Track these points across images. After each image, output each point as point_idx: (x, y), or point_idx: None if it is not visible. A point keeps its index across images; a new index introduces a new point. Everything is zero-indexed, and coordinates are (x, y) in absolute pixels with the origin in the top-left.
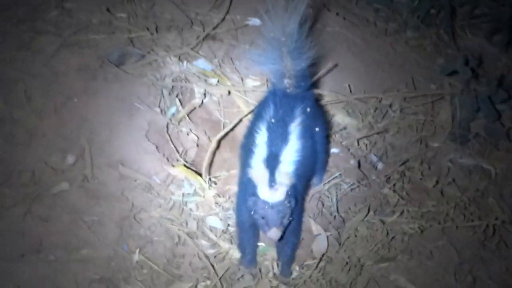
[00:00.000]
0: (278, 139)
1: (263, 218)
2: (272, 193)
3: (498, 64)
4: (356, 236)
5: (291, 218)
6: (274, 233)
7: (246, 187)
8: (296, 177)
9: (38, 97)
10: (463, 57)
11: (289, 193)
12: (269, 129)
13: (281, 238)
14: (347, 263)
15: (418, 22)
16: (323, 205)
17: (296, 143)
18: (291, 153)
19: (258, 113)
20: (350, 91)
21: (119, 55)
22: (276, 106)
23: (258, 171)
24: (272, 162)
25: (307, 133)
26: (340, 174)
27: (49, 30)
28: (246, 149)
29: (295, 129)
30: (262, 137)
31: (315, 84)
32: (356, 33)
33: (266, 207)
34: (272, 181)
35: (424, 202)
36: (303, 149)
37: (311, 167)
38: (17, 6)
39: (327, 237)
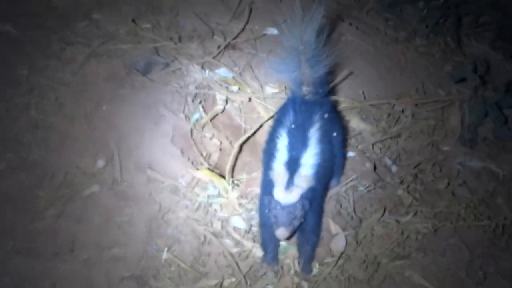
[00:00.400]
0: (298, 143)
1: (274, 217)
2: (287, 195)
3: (503, 71)
4: (372, 235)
5: (302, 220)
6: (281, 232)
7: (267, 188)
8: (316, 180)
9: (69, 104)
10: (472, 65)
11: (304, 196)
12: (289, 134)
13: (289, 238)
14: (364, 260)
15: (427, 30)
16: (340, 206)
17: (315, 147)
18: (310, 157)
19: (278, 119)
20: (364, 97)
21: (145, 64)
22: (295, 112)
23: (279, 173)
24: (292, 165)
25: (325, 138)
26: (356, 177)
27: (78, 41)
28: (268, 153)
29: (314, 134)
30: (283, 142)
31: (331, 91)
32: (368, 42)
33: (278, 207)
34: (290, 183)
35: (437, 203)
36: (322, 153)
37: (330, 170)
38: (47, 17)
39: (345, 236)
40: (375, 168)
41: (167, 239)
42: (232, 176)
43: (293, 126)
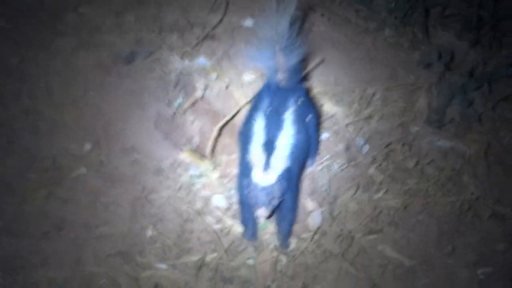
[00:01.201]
0: (273, 126)
1: (254, 198)
2: (264, 177)
3: (468, 58)
4: (346, 211)
5: (281, 199)
6: (262, 212)
7: (245, 169)
8: (291, 160)
9: (58, 92)
10: (437, 52)
11: (281, 176)
12: (265, 117)
13: (269, 216)
14: (339, 235)
15: (396, 21)
16: (316, 184)
17: (290, 129)
18: (285, 138)
19: (255, 104)
20: (336, 83)
21: (130, 54)
22: (271, 97)
23: (256, 155)
24: (268, 147)
25: (299, 120)
26: (331, 156)
27: (67, 32)
28: (245, 136)
29: (288, 116)
30: (259, 125)
31: (305, 78)
32: (340, 32)
33: (257, 189)
34: (267, 165)
35: (406, 181)
36: (296, 135)
37: (305, 150)
38: (37, 11)
39: (321, 212)
40: (348, 148)
41: (151, 217)
42: (213, 157)
43: (269, 109)
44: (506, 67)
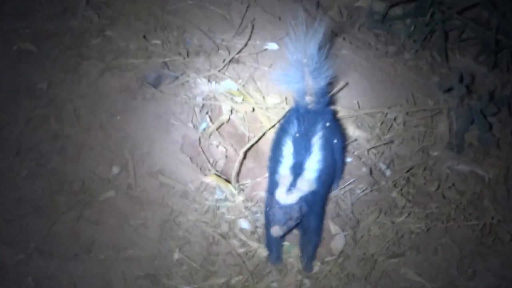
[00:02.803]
0: (302, 150)
1: (272, 215)
2: (287, 196)
3: (486, 82)
4: (369, 235)
5: (298, 221)
6: (275, 230)
7: (271, 189)
8: (318, 183)
9: (86, 115)
10: (458, 75)
11: (303, 198)
12: (294, 142)
13: (283, 236)
14: (362, 258)
15: (415, 45)
16: (340, 208)
17: (318, 153)
18: (314, 162)
19: (283, 128)
20: (359, 107)
21: (155, 77)
22: (299, 121)
23: (284, 176)
24: (297, 169)
25: (327, 145)
26: (354, 180)
27: (93, 56)
28: (274, 160)
29: (317, 141)
30: (288, 149)
31: (331, 101)
32: (361, 55)
33: (277, 206)
34: (292, 185)
35: (428, 204)
36: (324, 159)
37: (331, 174)
38: (65, 36)
39: (344, 236)
40: (370, 172)
41: (179, 240)
42: (238, 181)
43: (297, 135)
44: None
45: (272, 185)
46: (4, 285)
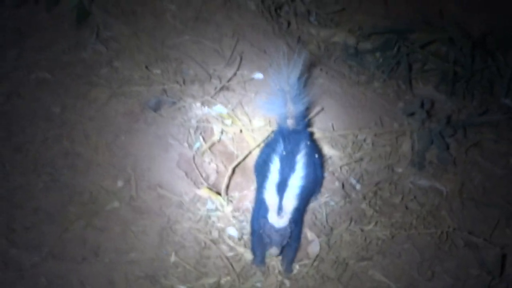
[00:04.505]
0: (287, 167)
1: (269, 237)
2: (279, 220)
3: (445, 107)
4: (341, 241)
5: (289, 239)
6: (274, 250)
7: (260, 205)
8: (299, 200)
9: (94, 136)
10: (420, 101)
11: (292, 219)
12: (281, 159)
13: (280, 253)
14: (335, 262)
15: (383, 75)
16: (316, 217)
17: (301, 171)
18: (297, 180)
19: (270, 146)
20: (333, 129)
21: (156, 103)
22: (284, 140)
23: (270, 194)
24: (282, 187)
25: (309, 162)
26: (328, 194)
27: (101, 84)
28: (262, 175)
29: (301, 159)
30: (275, 166)
31: (308, 124)
32: (336, 84)
33: (272, 230)
34: (280, 208)
35: (393, 214)
36: (306, 176)
37: (312, 189)
38: (76, 65)
39: (319, 242)
40: (343, 186)
41: (174, 245)
42: (227, 194)
43: (284, 152)
44: (477, 116)
45: (261, 203)
46: (21, 284)
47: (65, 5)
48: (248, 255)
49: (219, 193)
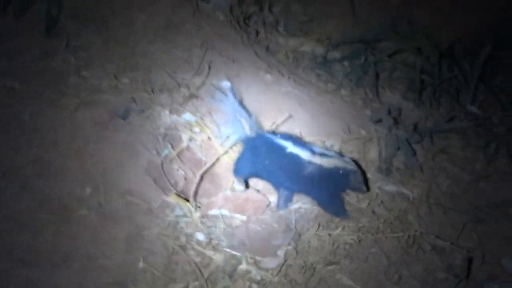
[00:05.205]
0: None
1: None
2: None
3: (412, 115)
4: (309, 246)
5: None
6: None
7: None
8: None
9: (63, 143)
10: (387, 109)
11: None
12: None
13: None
14: (303, 266)
15: (350, 83)
16: (285, 224)
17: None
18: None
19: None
20: (301, 136)
21: (125, 111)
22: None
23: None
24: None
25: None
26: (298, 201)
27: (70, 93)
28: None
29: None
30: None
31: (275, 131)
32: (304, 92)
33: None
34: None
35: (360, 219)
36: None
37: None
38: (45, 74)
39: (288, 247)
40: None
41: (143, 251)
42: (195, 200)
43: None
44: (444, 123)
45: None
46: None
47: (34, 14)
48: (218, 260)
49: (187, 200)
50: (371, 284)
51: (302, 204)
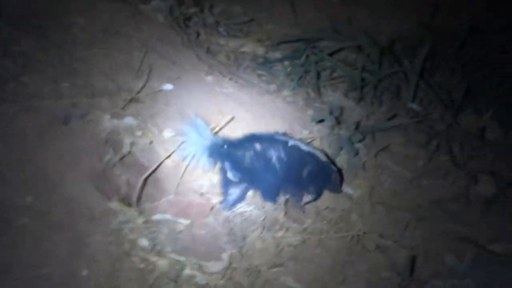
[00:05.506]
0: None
1: None
2: None
3: (354, 114)
4: (254, 249)
5: None
6: None
7: None
8: None
9: (3, 151)
10: (329, 109)
11: None
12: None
13: None
14: (247, 269)
15: (292, 83)
16: (230, 227)
17: None
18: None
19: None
20: None
21: (65, 116)
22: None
23: None
24: None
25: None
26: (243, 203)
27: (9, 98)
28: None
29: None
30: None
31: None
32: (246, 93)
33: None
34: None
35: (304, 221)
36: None
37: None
38: None
39: (233, 250)
40: (255, 194)
41: (87, 258)
42: (139, 205)
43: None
44: (385, 121)
45: None
46: None
47: None
48: (162, 265)
49: (130, 205)
50: (316, 285)
51: (246, 206)
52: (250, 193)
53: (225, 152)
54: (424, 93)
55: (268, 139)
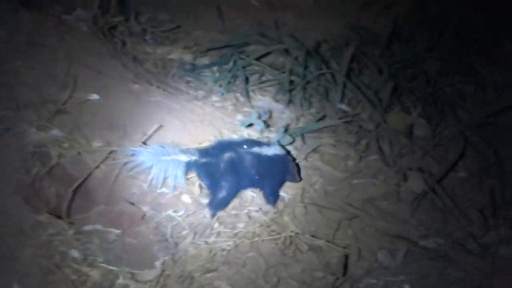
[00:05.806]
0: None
1: None
2: None
3: (283, 116)
4: (186, 255)
5: None
6: None
7: None
8: None
9: None
10: (256, 113)
11: None
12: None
13: None
14: (181, 276)
15: (220, 89)
16: (161, 233)
17: None
18: None
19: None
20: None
21: None
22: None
23: None
24: None
25: None
26: (172, 208)
27: None
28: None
29: None
30: None
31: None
32: (174, 100)
33: None
34: None
35: (236, 224)
36: None
37: None
38: None
39: (165, 257)
40: (186, 199)
41: (17, 273)
42: (69, 217)
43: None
44: (314, 123)
45: None
46: None
47: None
48: (95, 276)
49: (60, 217)
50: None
51: (173, 212)
52: (181, 199)
53: (200, 163)
54: (352, 93)
55: (234, 144)
